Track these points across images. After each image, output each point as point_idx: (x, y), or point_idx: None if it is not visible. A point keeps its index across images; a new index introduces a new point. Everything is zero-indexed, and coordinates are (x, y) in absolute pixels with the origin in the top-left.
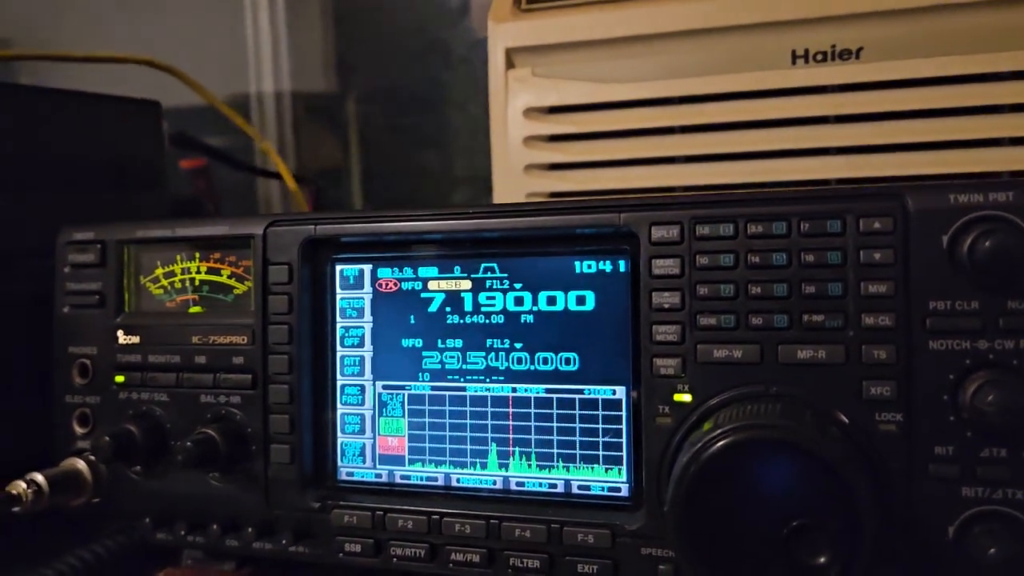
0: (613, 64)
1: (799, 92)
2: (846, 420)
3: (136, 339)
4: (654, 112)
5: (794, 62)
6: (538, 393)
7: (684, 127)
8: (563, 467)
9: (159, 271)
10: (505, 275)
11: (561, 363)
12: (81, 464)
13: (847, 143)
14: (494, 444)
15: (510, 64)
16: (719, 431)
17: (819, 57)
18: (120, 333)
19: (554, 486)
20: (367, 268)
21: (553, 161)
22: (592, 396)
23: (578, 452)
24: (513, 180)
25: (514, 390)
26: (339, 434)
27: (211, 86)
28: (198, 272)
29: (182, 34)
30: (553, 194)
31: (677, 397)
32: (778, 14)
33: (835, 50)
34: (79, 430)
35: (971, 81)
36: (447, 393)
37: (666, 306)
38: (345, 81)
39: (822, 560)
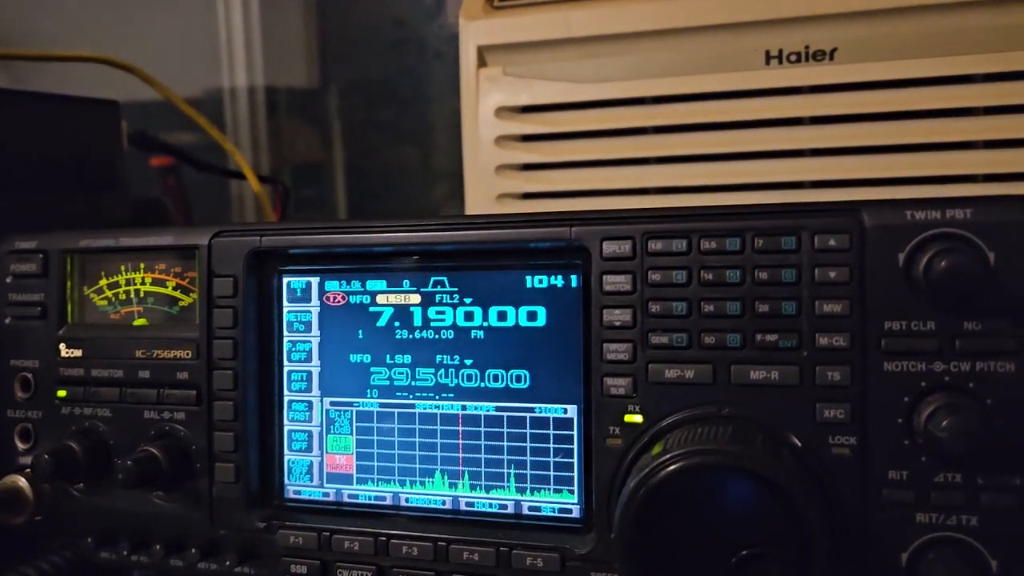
0: (586, 64)
1: (773, 93)
2: (799, 443)
3: (79, 352)
4: (627, 112)
5: (768, 63)
6: (488, 411)
7: (657, 127)
8: (514, 488)
9: (103, 282)
10: (455, 289)
11: (512, 380)
12: (22, 481)
13: (821, 145)
14: (443, 463)
15: (482, 62)
16: (668, 455)
17: (793, 58)
18: (62, 346)
19: (504, 507)
20: (315, 281)
21: (525, 161)
22: (543, 415)
23: (529, 472)
24: (485, 180)
25: (464, 408)
26: (286, 451)
27: (183, 82)
28: (143, 283)
29: (153, 29)
30: (526, 195)
31: (628, 418)
32: (751, 14)
33: (809, 51)
34: (21, 446)
35: (946, 83)
36: (396, 410)
37: (617, 324)
38: (322, 76)
39: None
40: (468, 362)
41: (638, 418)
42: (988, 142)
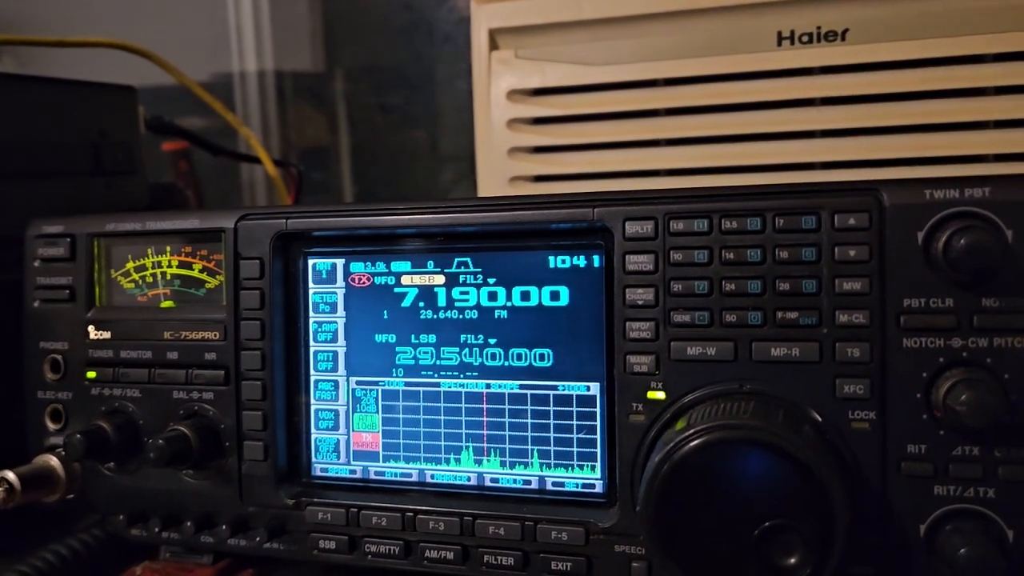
0: (597, 46)
1: (784, 74)
2: (819, 418)
3: (107, 334)
4: (638, 95)
5: (779, 44)
6: (512, 389)
7: (669, 110)
8: (537, 464)
9: (130, 265)
10: (479, 270)
11: (535, 359)
12: (54, 461)
13: (832, 126)
14: (468, 440)
15: (493, 45)
16: (692, 431)
17: (804, 39)
18: (91, 328)
19: (528, 483)
20: (340, 263)
21: (537, 144)
22: (566, 392)
23: (552, 449)
24: (497, 163)
25: (488, 386)
26: (313, 430)
27: (194, 67)
28: (169, 266)
29: (163, 15)
30: (537, 177)
31: (651, 395)
32: None
33: (820, 32)
34: (52, 426)
35: (956, 63)
36: (421, 389)
37: (640, 302)
38: (331, 60)
39: (793, 561)
40: (492, 341)
41: (660, 395)
42: (998, 122)
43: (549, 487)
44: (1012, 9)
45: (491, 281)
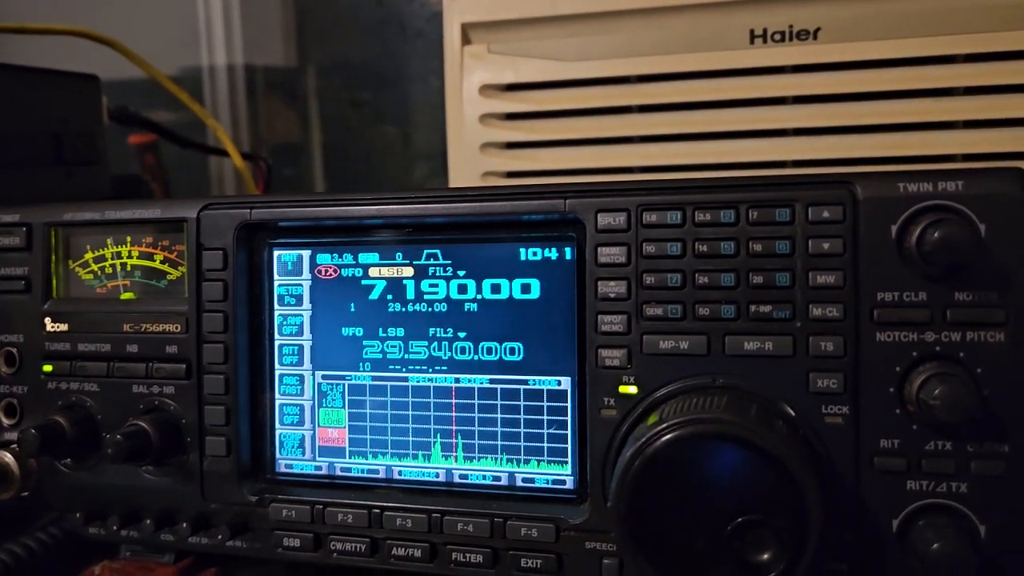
0: (571, 42)
1: (757, 72)
2: (793, 413)
3: (65, 326)
4: (611, 91)
5: (752, 42)
6: (482, 384)
7: (641, 106)
8: (507, 459)
9: (89, 255)
10: (448, 262)
11: (505, 353)
12: (8, 457)
13: (804, 124)
14: (437, 436)
15: (466, 40)
16: (663, 425)
17: (777, 37)
18: (48, 320)
19: (498, 478)
20: (306, 254)
21: (510, 140)
22: (537, 387)
23: (522, 444)
24: (469, 159)
25: (457, 380)
26: (277, 425)
27: (162, 60)
28: (129, 257)
29: (133, 7)
30: (510, 173)
31: (622, 389)
32: None
33: (793, 30)
34: (6, 421)
35: (927, 63)
36: (389, 383)
37: (612, 295)
38: (303, 55)
39: (766, 556)
40: (462, 335)
41: (633, 389)
42: (968, 122)
43: (519, 483)
44: (982, 10)
45: (461, 273)
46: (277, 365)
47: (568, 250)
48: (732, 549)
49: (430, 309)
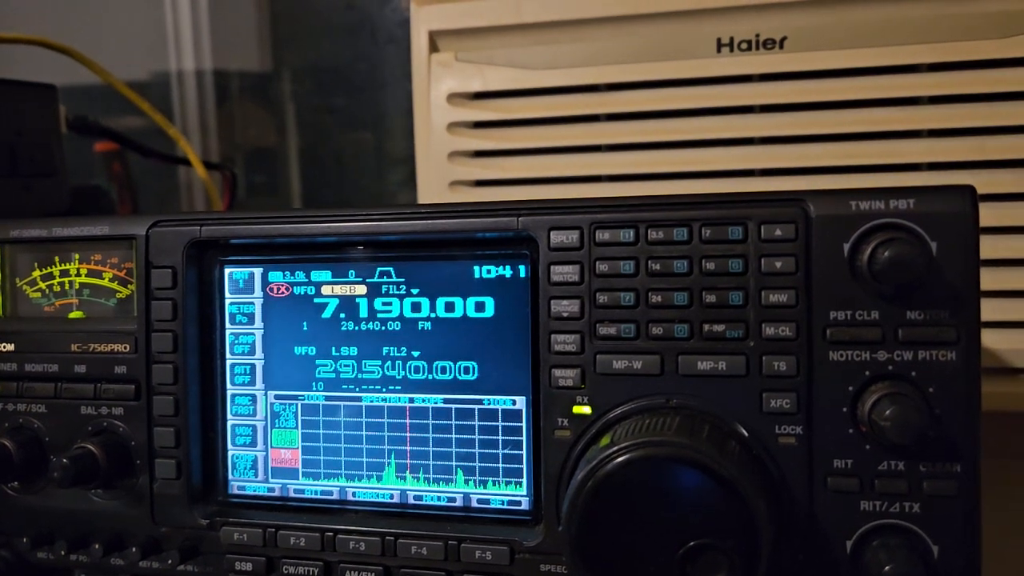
0: (539, 50)
1: (724, 81)
2: (745, 433)
3: (11, 346)
4: (579, 99)
5: (719, 51)
6: (436, 403)
7: (609, 115)
8: (462, 480)
9: (36, 273)
10: (402, 280)
11: (460, 372)
12: None
13: (771, 133)
14: (391, 456)
15: (433, 47)
16: (615, 448)
17: (744, 46)
18: None
19: (453, 500)
20: (257, 271)
21: (477, 148)
22: (492, 407)
23: (477, 465)
24: (437, 167)
25: (411, 400)
26: (229, 447)
27: (129, 66)
28: (78, 275)
29: (98, 14)
30: (478, 182)
31: (576, 409)
32: (703, 1)
33: (759, 39)
34: None
35: (892, 72)
36: (342, 404)
37: (565, 314)
38: (274, 60)
39: None
40: (415, 354)
41: (586, 409)
42: (932, 131)
43: (474, 504)
44: (946, 19)
45: (414, 291)
46: (229, 385)
47: (522, 268)
48: (684, 572)
49: (383, 328)
